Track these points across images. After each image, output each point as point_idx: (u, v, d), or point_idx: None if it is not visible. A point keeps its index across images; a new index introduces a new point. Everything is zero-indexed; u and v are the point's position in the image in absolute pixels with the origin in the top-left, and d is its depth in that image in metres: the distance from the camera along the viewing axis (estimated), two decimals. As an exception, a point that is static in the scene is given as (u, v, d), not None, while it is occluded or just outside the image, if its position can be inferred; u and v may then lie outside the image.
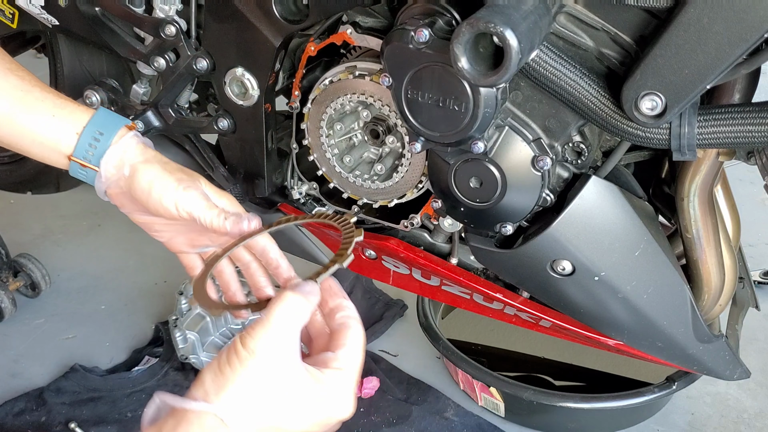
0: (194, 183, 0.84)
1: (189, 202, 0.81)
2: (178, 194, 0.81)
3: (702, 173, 0.98)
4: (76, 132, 0.84)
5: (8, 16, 1.32)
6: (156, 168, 0.83)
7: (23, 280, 1.75)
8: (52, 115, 0.85)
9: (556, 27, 0.88)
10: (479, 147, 0.93)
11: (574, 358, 1.58)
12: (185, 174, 0.85)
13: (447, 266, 1.14)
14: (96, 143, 0.84)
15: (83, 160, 0.84)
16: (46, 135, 0.85)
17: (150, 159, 0.84)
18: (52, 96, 0.86)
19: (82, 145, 0.84)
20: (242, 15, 1.06)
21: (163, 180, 0.82)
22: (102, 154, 0.84)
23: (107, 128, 0.85)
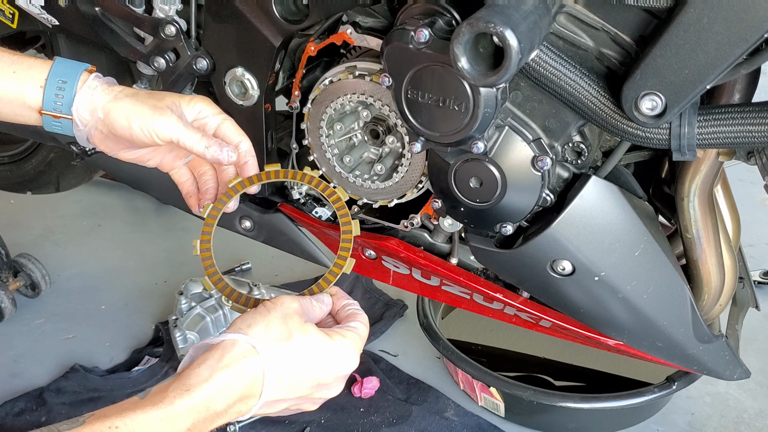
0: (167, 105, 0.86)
1: (167, 128, 0.84)
2: (155, 122, 0.84)
3: (702, 173, 0.98)
4: (39, 85, 0.85)
5: (8, 16, 1.32)
6: (127, 102, 0.85)
7: (23, 280, 1.75)
8: (13, 72, 0.85)
9: (556, 27, 0.88)
10: (479, 147, 0.93)
11: (574, 358, 1.58)
12: (155, 98, 0.86)
13: (447, 266, 1.14)
14: (61, 92, 0.85)
15: (54, 111, 0.86)
16: (12, 92, 0.85)
17: (119, 95, 0.86)
18: (9, 54, 0.86)
19: (48, 96, 0.85)
20: (242, 15, 1.06)
21: (138, 112, 0.84)
22: (70, 102, 0.85)
23: (68, 76, 0.86)
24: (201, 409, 0.69)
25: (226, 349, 0.72)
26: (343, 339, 0.78)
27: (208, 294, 1.67)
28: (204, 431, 0.70)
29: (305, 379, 0.76)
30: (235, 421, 1.40)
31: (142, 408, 0.67)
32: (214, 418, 0.70)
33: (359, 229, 0.88)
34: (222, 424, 0.72)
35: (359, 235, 0.89)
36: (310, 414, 1.46)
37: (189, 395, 0.68)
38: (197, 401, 0.68)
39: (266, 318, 0.76)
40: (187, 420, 0.68)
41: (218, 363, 0.71)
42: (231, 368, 0.71)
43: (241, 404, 0.72)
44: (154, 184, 1.35)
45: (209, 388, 0.69)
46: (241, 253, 1.94)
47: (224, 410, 0.71)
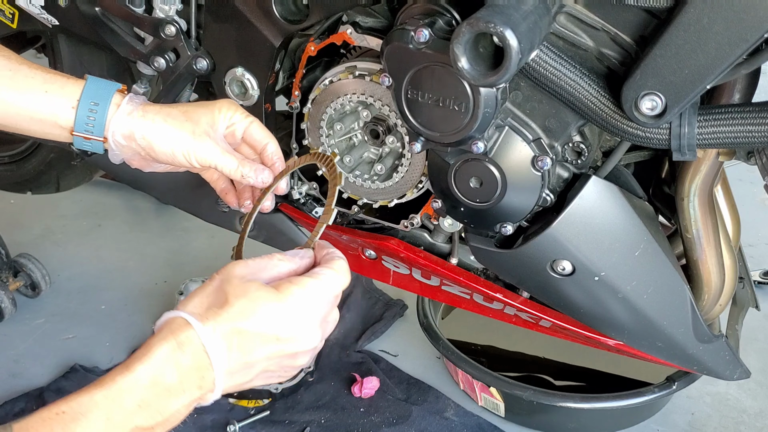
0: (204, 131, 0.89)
1: (207, 156, 0.89)
2: (196, 150, 0.88)
3: (702, 173, 0.98)
4: (71, 106, 0.86)
5: (8, 16, 1.32)
6: (167, 128, 0.88)
7: (23, 280, 1.75)
8: (45, 91, 0.86)
9: (556, 27, 0.88)
10: (479, 147, 0.93)
11: (574, 358, 1.58)
12: (192, 122, 0.89)
13: (447, 266, 1.14)
14: (93, 114, 0.86)
15: (85, 133, 0.87)
16: (43, 112, 0.86)
17: (156, 120, 0.88)
18: (41, 72, 0.87)
19: (80, 118, 0.86)
20: (242, 15, 1.06)
21: (179, 139, 0.88)
22: (102, 124, 0.87)
23: (101, 97, 0.87)
24: (147, 383, 0.68)
25: (163, 327, 0.72)
26: (290, 284, 0.74)
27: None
28: (165, 407, 0.69)
29: (256, 338, 0.72)
30: (235, 422, 1.41)
31: (87, 391, 0.68)
32: (170, 393, 0.69)
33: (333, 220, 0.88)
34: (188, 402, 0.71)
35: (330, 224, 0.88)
36: (310, 414, 1.46)
37: (130, 372, 0.68)
38: (140, 376, 0.68)
39: (203, 289, 0.76)
40: (134, 396, 0.68)
41: (154, 339, 0.71)
42: (167, 340, 0.70)
43: (198, 378, 0.70)
44: (154, 184, 1.35)
45: (148, 362, 0.69)
46: (241, 253, 1.94)
47: (178, 384, 0.69)
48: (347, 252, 1.27)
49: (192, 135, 0.88)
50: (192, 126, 0.89)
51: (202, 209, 1.33)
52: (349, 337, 1.68)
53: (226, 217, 1.29)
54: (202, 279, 1.69)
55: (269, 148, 0.94)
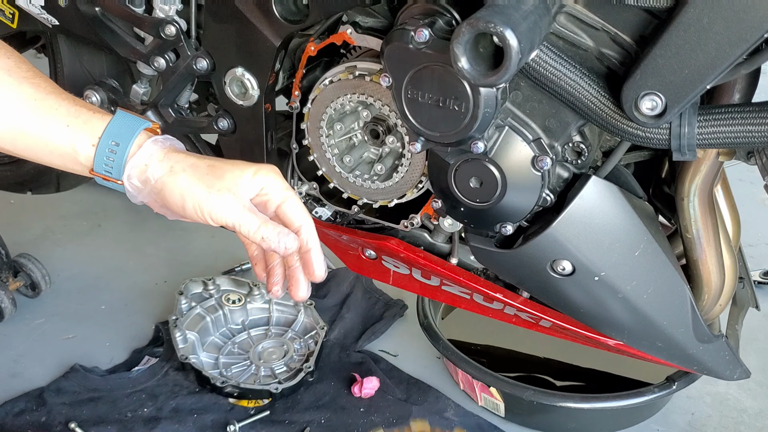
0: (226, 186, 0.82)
1: (222, 213, 0.81)
2: (210, 205, 0.80)
3: (702, 173, 0.98)
4: (92, 144, 0.82)
5: (8, 16, 1.32)
6: (183, 178, 0.81)
7: (23, 280, 1.75)
8: (66, 125, 0.82)
9: (556, 27, 0.88)
10: (479, 147, 0.93)
11: (574, 358, 1.58)
12: (215, 176, 0.82)
13: (447, 266, 1.14)
14: (113, 155, 0.82)
15: (104, 173, 0.83)
16: (63, 146, 0.82)
17: (175, 168, 0.82)
18: (67, 103, 0.83)
19: (99, 158, 0.82)
20: (242, 15, 1.06)
21: (192, 192, 0.81)
22: (121, 166, 0.82)
23: (123, 136, 0.82)
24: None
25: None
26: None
27: (208, 294, 1.66)
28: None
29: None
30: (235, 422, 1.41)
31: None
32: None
33: None
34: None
35: None
36: (310, 414, 1.46)
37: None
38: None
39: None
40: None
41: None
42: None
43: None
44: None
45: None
46: (241, 253, 1.94)
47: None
48: (347, 252, 1.27)
49: (207, 188, 0.81)
50: (213, 180, 0.81)
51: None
52: (349, 337, 1.68)
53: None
54: (202, 279, 1.69)
55: (304, 232, 0.84)
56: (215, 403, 1.48)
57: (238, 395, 1.49)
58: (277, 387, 1.49)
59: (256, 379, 1.53)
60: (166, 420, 1.43)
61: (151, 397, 1.49)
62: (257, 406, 1.49)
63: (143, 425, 1.41)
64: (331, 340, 1.66)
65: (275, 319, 1.69)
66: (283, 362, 1.56)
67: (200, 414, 1.45)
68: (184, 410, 1.46)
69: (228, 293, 1.68)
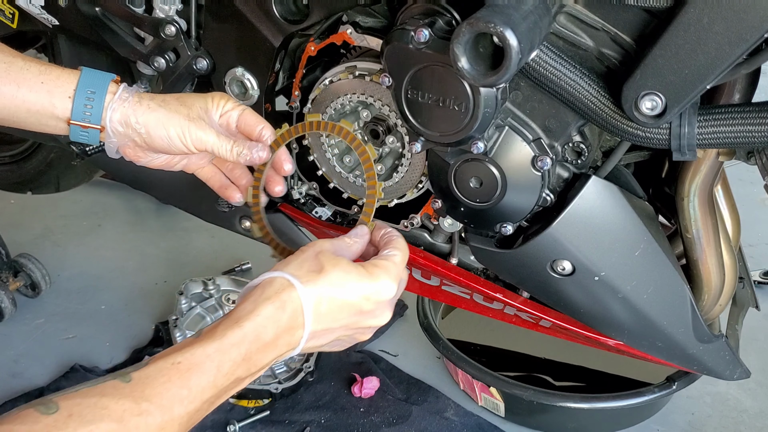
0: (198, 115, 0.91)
1: (202, 138, 0.89)
2: (191, 133, 0.89)
3: (702, 173, 0.98)
4: (68, 96, 0.87)
5: (8, 16, 1.32)
6: (162, 113, 0.88)
7: (23, 280, 1.75)
8: (41, 82, 0.86)
9: (556, 27, 0.88)
10: (479, 147, 0.93)
11: (574, 358, 1.58)
12: (186, 107, 0.90)
13: (447, 266, 1.14)
14: (90, 102, 0.87)
15: (82, 121, 0.87)
16: (40, 102, 0.86)
17: (152, 106, 0.89)
18: (36, 64, 0.87)
19: (77, 107, 0.87)
20: (242, 15, 1.06)
21: (175, 123, 0.88)
22: (99, 112, 0.87)
23: (97, 86, 0.87)
24: (252, 339, 0.74)
25: (266, 285, 0.78)
26: (375, 268, 0.83)
27: (208, 294, 1.67)
28: (259, 361, 0.75)
29: (344, 307, 0.80)
30: (235, 422, 1.41)
31: (199, 343, 0.72)
32: (267, 348, 0.75)
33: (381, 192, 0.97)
34: (275, 357, 0.77)
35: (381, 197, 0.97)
36: (310, 414, 1.46)
37: (239, 326, 0.74)
38: (247, 331, 0.74)
39: (300, 256, 0.82)
40: (240, 349, 0.73)
41: (260, 297, 0.77)
42: (272, 300, 0.76)
43: (289, 336, 0.77)
44: (154, 184, 1.35)
45: (256, 319, 0.75)
46: (241, 253, 1.94)
47: (274, 340, 0.76)
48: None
49: (187, 118, 0.89)
50: (186, 110, 0.90)
51: (202, 209, 1.32)
52: (349, 337, 1.68)
53: (226, 217, 1.29)
54: (202, 279, 1.69)
55: (265, 133, 0.94)
56: (215, 403, 1.48)
57: (238, 395, 1.49)
58: (277, 387, 1.49)
59: (256, 379, 1.53)
60: (166, 420, 1.43)
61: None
62: (257, 406, 1.49)
63: (143, 425, 1.41)
64: (331, 340, 1.66)
65: (275, 319, 1.69)
66: (283, 362, 1.56)
67: (200, 414, 1.45)
68: (184, 410, 1.46)
69: (228, 293, 1.68)
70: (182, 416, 0.68)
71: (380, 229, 0.92)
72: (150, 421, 0.65)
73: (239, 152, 0.91)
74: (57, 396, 0.64)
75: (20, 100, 0.85)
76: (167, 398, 0.67)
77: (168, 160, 0.95)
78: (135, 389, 0.66)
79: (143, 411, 0.65)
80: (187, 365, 0.70)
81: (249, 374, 0.76)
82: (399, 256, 0.87)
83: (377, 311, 0.84)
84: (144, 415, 0.65)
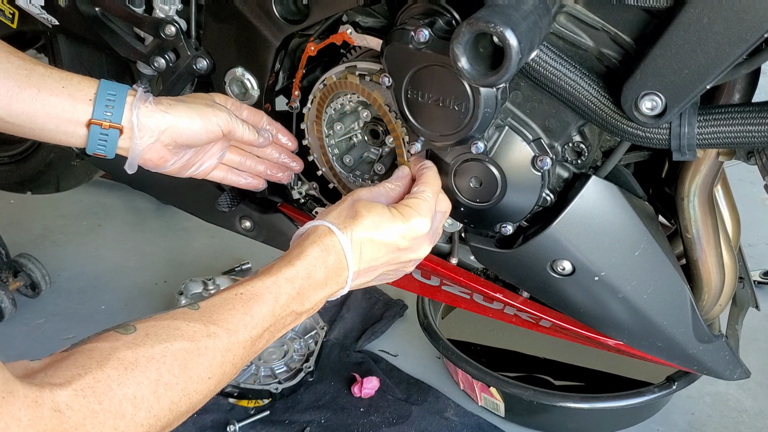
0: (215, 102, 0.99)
1: (226, 117, 0.97)
2: (214, 115, 0.96)
3: (702, 173, 0.98)
4: (89, 98, 0.90)
5: (8, 16, 1.32)
6: (182, 106, 0.94)
7: (23, 280, 1.75)
8: (62, 87, 0.88)
9: (556, 27, 0.88)
10: (479, 147, 0.93)
11: (574, 358, 1.58)
12: (200, 98, 0.98)
13: (447, 266, 1.14)
14: (111, 103, 0.90)
15: (104, 120, 0.90)
16: (60, 105, 0.88)
17: (172, 103, 0.94)
18: (56, 71, 0.90)
19: (99, 107, 0.90)
20: (242, 15, 1.06)
21: (197, 112, 0.94)
22: (120, 113, 0.90)
23: (117, 90, 0.91)
24: (303, 276, 0.82)
25: (310, 233, 0.87)
26: (407, 208, 0.91)
27: (208, 294, 1.66)
28: (312, 297, 0.84)
29: (381, 247, 0.89)
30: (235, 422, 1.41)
31: (258, 278, 0.81)
32: (318, 286, 0.84)
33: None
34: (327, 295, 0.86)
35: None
36: (310, 414, 1.46)
37: (291, 265, 0.82)
38: (299, 269, 0.82)
39: (340, 206, 0.91)
40: (294, 285, 0.81)
41: (306, 241, 0.85)
42: (318, 244, 0.85)
43: (337, 275, 0.86)
44: (154, 184, 1.35)
45: (306, 259, 0.83)
46: (241, 253, 1.94)
47: (324, 280, 0.85)
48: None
49: (206, 105, 0.96)
50: (202, 100, 0.98)
51: (202, 209, 1.32)
52: (349, 337, 1.68)
53: (226, 217, 1.29)
54: (202, 279, 1.69)
55: (264, 122, 1.06)
56: (215, 403, 1.48)
57: (238, 395, 1.49)
58: (277, 387, 1.49)
59: (256, 379, 1.53)
60: (166, 420, 1.43)
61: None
62: (257, 406, 1.49)
63: (143, 425, 1.41)
64: (331, 340, 1.66)
65: (275, 319, 1.69)
66: (283, 362, 1.56)
67: (200, 414, 1.45)
68: (184, 410, 1.46)
69: (228, 293, 1.67)
70: (246, 340, 0.75)
71: (416, 163, 0.99)
72: (218, 342, 0.72)
73: (258, 131, 1.02)
74: (133, 321, 0.71)
75: (40, 103, 0.87)
76: (233, 323, 0.74)
77: (187, 161, 1.00)
78: (203, 315, 0.73)
79: (212, 333, 0.72)
80: (248, 295, 0.78)
81: (303, 309, 0.83)
82: (428, 192, 0.93)
83: (415, 246, 0.92)
84: (212, 337, 0.72)
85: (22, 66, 0.87)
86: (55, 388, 0.59)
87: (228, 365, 0.73)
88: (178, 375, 0.67)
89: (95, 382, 0.61)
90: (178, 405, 0.68)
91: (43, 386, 0.59)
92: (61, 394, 0.59)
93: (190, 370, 0.69)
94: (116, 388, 0.62)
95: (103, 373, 0.62)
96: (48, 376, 0.61)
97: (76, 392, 0.60)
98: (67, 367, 0.62)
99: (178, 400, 0.67)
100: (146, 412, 0.64)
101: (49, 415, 0.57)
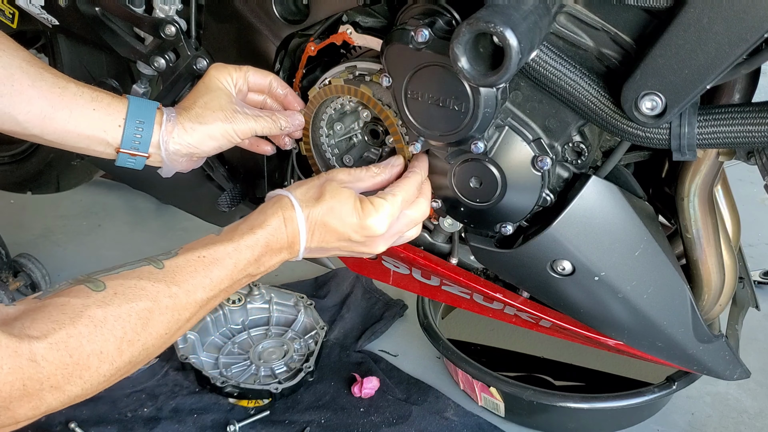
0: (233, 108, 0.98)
1: (246, 131, 0.99)
2: (235, 132, 0.98)
3: (702, 173, 0.98)
4: (118, 124, 0.93)
5: (8, 16, 1.32)
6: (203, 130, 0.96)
7: (23, 280, 1.75)
8: (93, 109, 0.92)
9: (556, 27, 0.88)
10: (479, 147, 0.93)
11: (574, 358, 1.58)
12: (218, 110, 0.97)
13: (447, 266, 1.14)
14: (140, 131, 0.94)
15: (132, 150, 0.94)
16: (91, 129, 0.92)
17: (193, 127, 0.96)
18: (88, 90, 0.93)
19: (128, 136, 0.93)
20: (242, 15, 1.06)
21: (218, 132, 0.97)
22: (148, 141, 0.94)
23: (144, 116, 0.94)
24: (262, 243, 0.88)
25: (276, 201, 0.92)
26: (370, 205, 0.92)
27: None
28: (267, 262, 0.89)
29: (333, 233, 0.92)
30: (235, 422, 1.41)
31: (220, 242, 0.86)
32: (273, 253, 0.90)
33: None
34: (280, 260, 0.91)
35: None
36: (310, 414, 1.46)
37: (253, 233, 0.88)
38: (259, 237, 0.88)
39: (310, 182, 0.95)
40: (254, 251, 0.87)
41: (270, 209, 0.90)
42: (279, 215, 0.90)
43: (291, 247, 0.91)
44: (154, 184, 1.35)
45: (267, 228, 0.89)
46: (241, 253, 1.93)
47: (279, 249, 0.90)
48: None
49: (225, 121, 0.97)
50: (222, 113, 0.97)
51: (202, 209, 1.33)
52: (349, 337, 1.68)
53: (226, 217, 1.29)
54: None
55: (273, 85, 1.04)
56: (215, 403, 1.48)
57: (238, 395, 1.49)
58: (277, 387, 1.49)
59: (256, 379, 1.53)
60: (166, 420, 1.43)
61: (151, 397, 1.49)
62: (257, 406, 1.49)
63: (143, 425, 1.41)
64: (331, 340, 1.66)
65: (275, 319, 1.69)
66: (283, 362, 1.56)
67: (200, 414, 1.45)
68: (184, 410, 1.46)
69: (228, 293, 1.68)
70: (203, 299, 0.82)
71: (414, 160, 1.00)
72: (176, 301, 0.79)
73: (282, 126, 1.02)
74: (101, 275, 0.80)
75: (72, 125, 0.91)
76: (192, 285, 0.81)
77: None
78: (167, 275, 0.80)
79: (172, 294, 0.79)
80: (210, 259, 0.84)
81: (258, 272, 0.89)
82: (399, 196, 0.94)
83: (368, 242, 0.94)
84: (173, 297, 0.79)
85: (55, 84, 0.90)
86: (33, 340, 0.66)
87: (183, 321, 0.81)
88: (140, 332, 0.75)
89: (68, 338, 0.69)
90: (137, 358, 0.76)
91: (21, 338, 0.66)
92: (37, 347, 0.66)
93: (151, 327, 0.77)
94: (86, 344, 0.70)
95: (76, 330, 0.70)
96: (26, 328, 0.67)
97: (50, 345, 0.67)
98: (42, 320, 0.69)
99: (138, 353, 0.75)
100: (109, 365, 0.72)
101: (26, 365, 0.65)
